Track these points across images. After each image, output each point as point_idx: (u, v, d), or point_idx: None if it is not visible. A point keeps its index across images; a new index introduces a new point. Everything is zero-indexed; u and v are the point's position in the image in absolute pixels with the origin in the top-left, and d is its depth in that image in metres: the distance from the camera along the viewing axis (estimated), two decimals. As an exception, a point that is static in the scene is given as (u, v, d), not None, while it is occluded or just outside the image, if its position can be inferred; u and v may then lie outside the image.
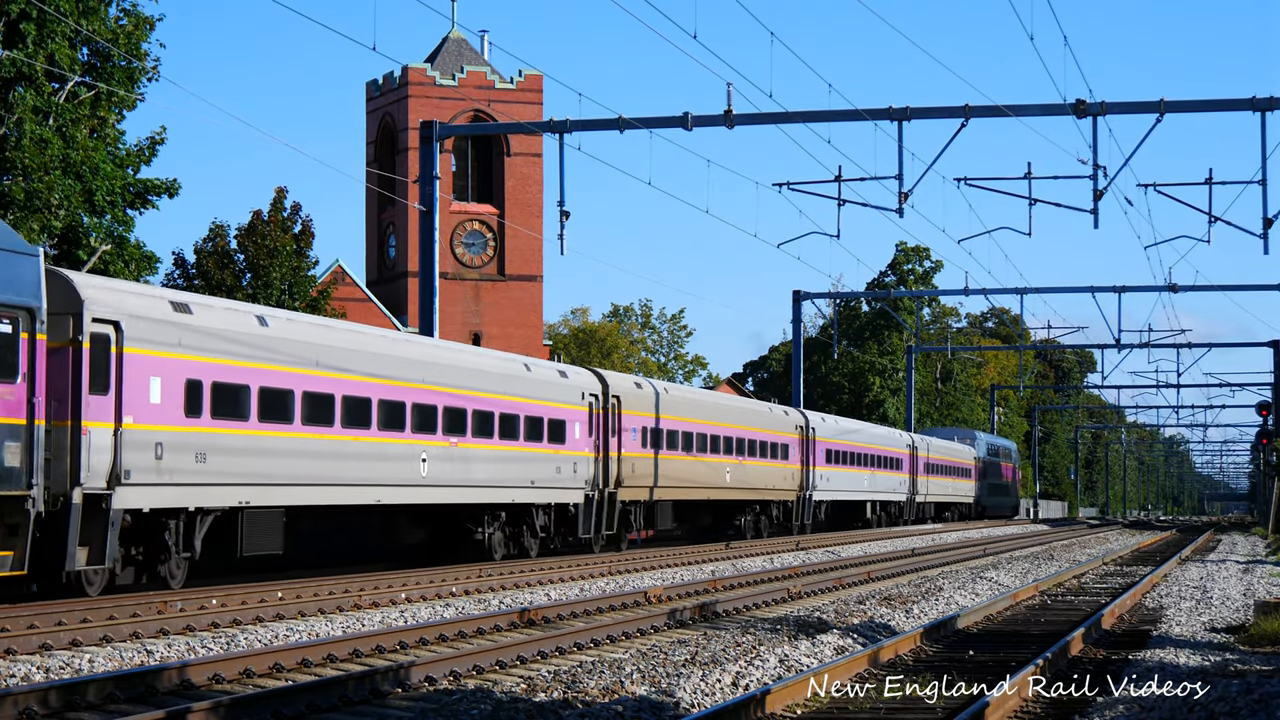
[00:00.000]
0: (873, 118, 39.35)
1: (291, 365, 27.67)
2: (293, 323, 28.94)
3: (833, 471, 59.60)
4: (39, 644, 17.72)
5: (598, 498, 39.00)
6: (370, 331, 32.28)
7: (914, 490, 75.33)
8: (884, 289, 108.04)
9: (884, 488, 69.27)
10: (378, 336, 31.75)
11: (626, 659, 16.49)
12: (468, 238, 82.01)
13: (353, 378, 29.23)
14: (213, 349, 25.71)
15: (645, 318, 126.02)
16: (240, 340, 26.49)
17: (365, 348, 30.15)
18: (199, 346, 25.40)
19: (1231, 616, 23.89)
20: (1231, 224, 39.71)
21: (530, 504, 36.14)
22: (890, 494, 70.71)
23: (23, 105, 36.53)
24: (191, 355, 25.20)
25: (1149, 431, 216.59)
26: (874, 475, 66.85)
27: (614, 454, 39.82)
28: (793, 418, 55.77)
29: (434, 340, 36.17)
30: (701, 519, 50.41)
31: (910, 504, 74.80)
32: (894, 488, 71.42)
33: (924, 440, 79.96)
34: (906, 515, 74.39)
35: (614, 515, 39.75)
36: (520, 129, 67.14)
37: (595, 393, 39.11)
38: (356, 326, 32.91)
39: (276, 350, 27.37)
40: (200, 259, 50.86)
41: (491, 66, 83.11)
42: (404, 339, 33.38)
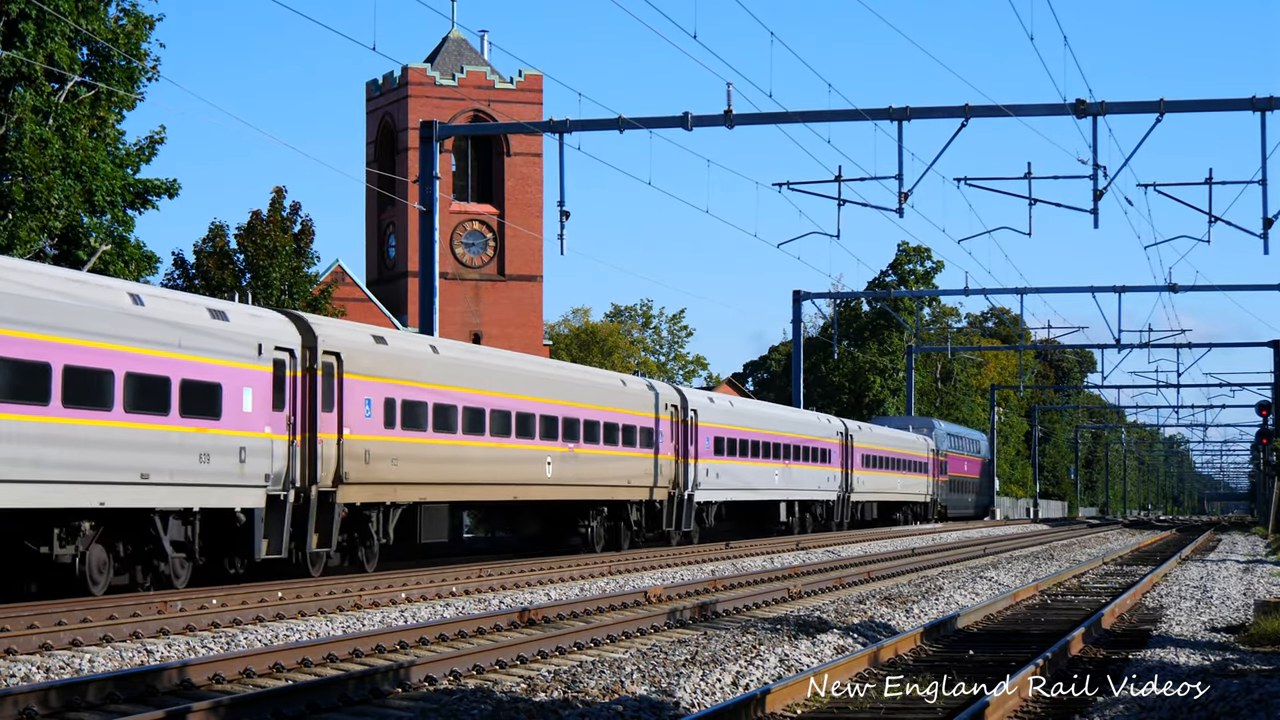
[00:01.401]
0: (873, 118, 39.36)
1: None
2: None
3: (724, 464, 48.99)
4: (39, 644, 17.72)
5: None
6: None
7: (847, 487, 63.57)
8: (884, 289, 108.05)
9: (804, 483, 57.82)
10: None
11: (626, 659, 16.48)
12: (468, 238, 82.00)
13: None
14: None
15: (645, 318, 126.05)
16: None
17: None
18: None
19: (1231, 616, 23.88)
20: (1231, 224, 39.76)
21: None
22: (813, 491, 59.03)
23: (22, 105, 36.53)
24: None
25: (1149, 431, 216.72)
26: (788, 469, 55.72)
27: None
28: (664, 395, 44.74)
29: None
30: None
31: (842, 504, 63.17)
32: (818, 484, 59.80)
33: (862, 428, 68.46)
34: (837, 517, 62.88)
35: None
36: (520, 129, 67.15)
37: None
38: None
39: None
40: (200, 259, 50.85)
41: (491, 66, 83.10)
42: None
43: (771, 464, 53.62)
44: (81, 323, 22.88)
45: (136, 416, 23.88)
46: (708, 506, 47.93)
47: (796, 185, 42.72)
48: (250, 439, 26.65)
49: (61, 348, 22.53)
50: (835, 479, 62.07)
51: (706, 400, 48.65)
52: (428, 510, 32.66)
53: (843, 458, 63.03)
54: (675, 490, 44.58)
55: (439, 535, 33.43)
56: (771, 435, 53.45)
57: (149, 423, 24.16)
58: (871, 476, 67.87)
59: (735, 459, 49.67)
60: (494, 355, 37.30)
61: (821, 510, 61.35)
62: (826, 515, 62.00)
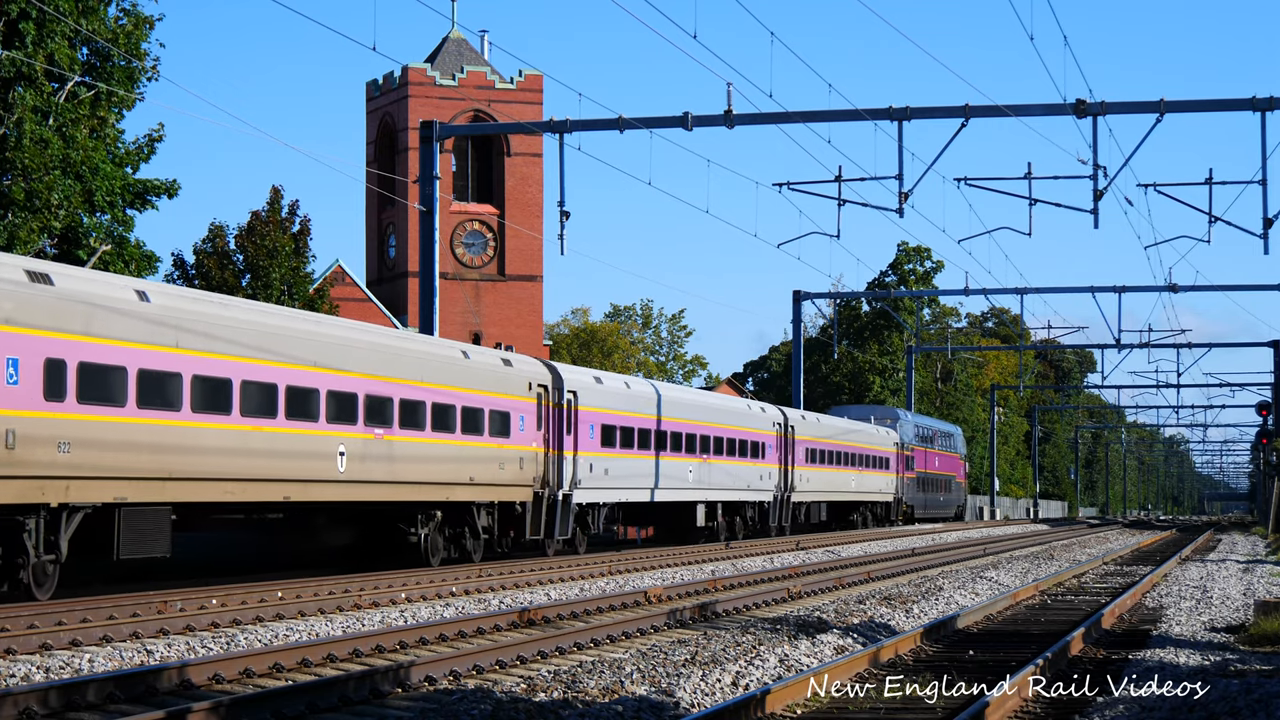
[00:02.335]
0: (873, 118, 39.36)
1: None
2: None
3: (614, 459, 41.19)
4: (39, 644, 17.71)
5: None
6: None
7: (786, 485, 55.23)
8: (884, 289, 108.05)
9: (729, 482, 49.86)
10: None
11: (626, 659, 16.48)
12: (468, 238, 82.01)
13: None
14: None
15: (645, 318, 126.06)
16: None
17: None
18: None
19: (1231, 616, 23.88)
20: (1231, 224, 39.76)
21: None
22: (741, 491, 51.02)
23: (22, 105, 36.54)
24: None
25: (1149, 431, 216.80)
26: (707, 465, 47.96)
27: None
28: (527, 372, 36.69)
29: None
30: None
31: (780, 505, 54.91)
32: (749, 482, 51.63)
33: (806, 418, 59.77)
34: (775, 519, 54.61)
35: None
36: (520, 129, 67.14)
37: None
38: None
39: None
40: (199, 259, 50.87)
41: (491, 66, 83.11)
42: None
43: (685, 459, 45.93)
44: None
45: None
46: (592, 509, 40.40)
47: (796, 185, 42.74)
48: None
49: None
50: (771, 476, 53.73)
51: (591, 381, 40.52)
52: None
53: (781, 452, 54.75)
54: (545, 490, 36.75)
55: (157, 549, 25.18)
56: (684, 424, 45.99)
57: None
58: (818, 473, 59.43)
59: (632, 452, 42.35)
60: (252, 310, 28.58)
61: (754, 512, 52.94)
62: (760, 518, 53.59)
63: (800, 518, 58.06)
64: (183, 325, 25.28)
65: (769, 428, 53.96)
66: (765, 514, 53.95)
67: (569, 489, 38.11)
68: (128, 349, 23.93)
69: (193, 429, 25.38)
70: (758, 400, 62.10)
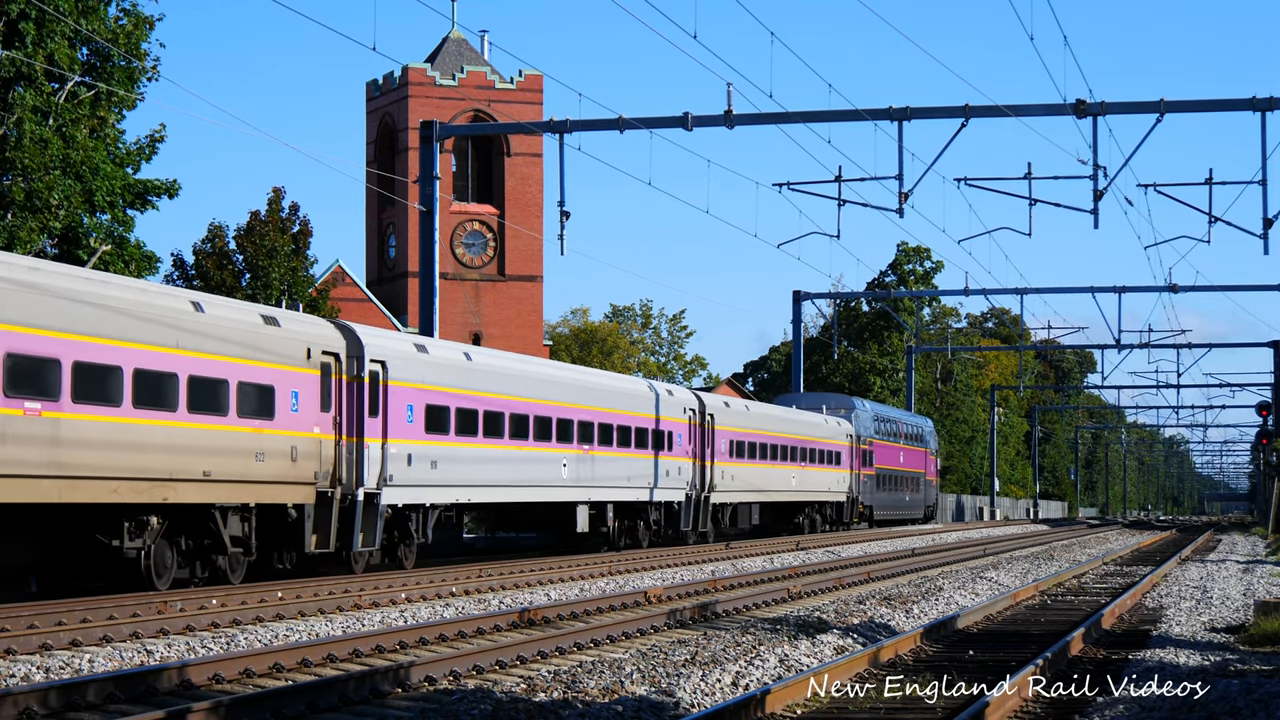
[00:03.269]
0: (873, 118, 39.37)
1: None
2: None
3: (448, 449, 33.07)
4: (39, 644, 17.71)
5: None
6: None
7: (703, 484, 47.42)
8: (884, 289, 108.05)
9: (624, 478, 42.00)
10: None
11: (626, 659, 16.48)
12: (468, 238, 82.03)
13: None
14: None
15: (645, 318, 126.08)
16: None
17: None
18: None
19: (1231, 616, 23.88)
20: (1231, 224, 39.78)
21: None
22: (640, 489, 43.10)
23: (22, 105, 36.54)
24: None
25: (1149, 431, 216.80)
26: (588, 458, 39.79)
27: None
28: (303, 333, 28.76)
29: None
30: None
31: (695, 505, 47.02)
32: (652, 479, 43.83)
33: (730, 405, 51.80)
34: (686, 522, 46.40)
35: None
36: (520, 129, 67.16)
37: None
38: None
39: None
40: (199, 259, 50.87)
41: (491, 66, 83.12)
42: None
43: (558, 449, 38.27)
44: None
45: None
46: (417, 511, 32.34)
47: (796, 185, 42.75)
48: None
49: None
50: (682, 472, 45.76)
51: (408, 349, 32.27)
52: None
53: (697, 444, 47.00)
54: (337, 489, 29.05)
55: None
56: (557, 408, 38.20)
57: None
58: (746, 469, 50.96)
59: (475, 440, 34.25)
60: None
61: (659, 515, 44.90)
62: (667, 520, 45.59)
63: (724, 521, 49.96)
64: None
65: (679, 415, 45.91)
66: (675, 516, 45.86)
67: (375, 486, 29.90)
68: None
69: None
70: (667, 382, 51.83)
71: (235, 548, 26.58)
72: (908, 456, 78.14)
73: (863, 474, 66.75)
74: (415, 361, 32.09)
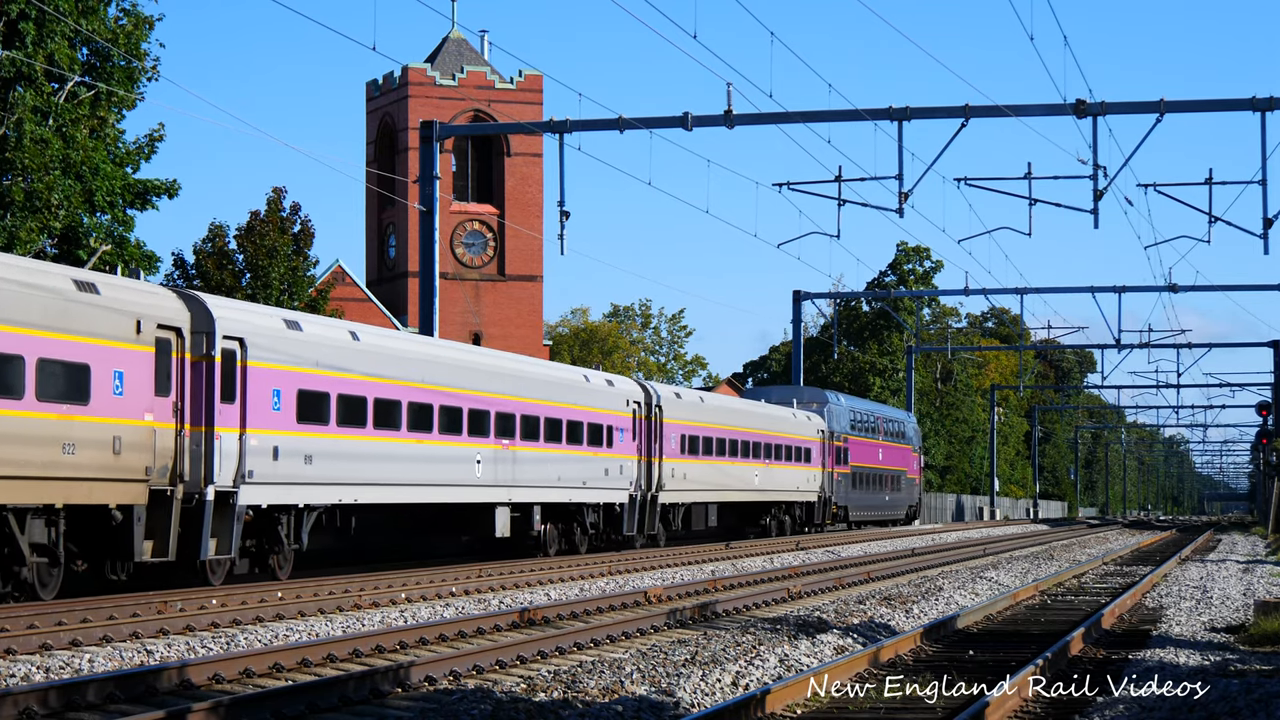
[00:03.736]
0: (873, 118, 39.38)
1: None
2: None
3: (325, 441, 29.02)
4: (39, 644, 17.71)
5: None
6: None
7: (650, 483, 42.61)
8: (884, 289, 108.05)
9: (555, 477, 37.50)
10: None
11: (626, 659, 16.48)
12: (468, 238, 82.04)
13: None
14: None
15: (645, 318, 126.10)
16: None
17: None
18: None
19: (1231, 616, 23.88)
20: (1231, 224, 39.79)
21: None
22: (575, 489, 38.52)
23: (22, 105, 36.54)
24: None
25: (1149, 431, 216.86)
26: (512, 453, 35.50)
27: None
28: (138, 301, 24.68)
29: None
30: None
31: (640, 507, 42.15)
32: (588, 478, 39.09)
33: (682, 396, 46.81)
34: (631, 525, 41.65)
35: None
36: (520, 129, 67.18)
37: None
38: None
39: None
40: (199, 259, 50.86)
41: (491, 66, 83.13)
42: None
43: (471, 443, 33.78)
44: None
45: None
46: (288, 513, 28.19)
47: (796, 185, 42.75)
48: None
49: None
50: (625, 470, 41.17)
51: (276, 325, 28.18)
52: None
53: (643, 439, 42.30)
54: (176, 488, 24.92)
55: None
56: (470, 397, 33.75)
57: None
58: (701, 466, 46.28)
59: (363, 432, 30.10)
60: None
61: (597, 517, 40.36)
62: (608, 523, 41.15)
63: (675, 522, 45.11)
64: None
65: (620, 407, 41.10)
66: (617, 519, 41.27)
67: (231, 484, 26.10)
68: None
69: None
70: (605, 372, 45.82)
71: (39, 557, 22.57)
72: (887, 454, 73.33)
73: (837, 472, 62.54)
74: (284, 339, 27.91)
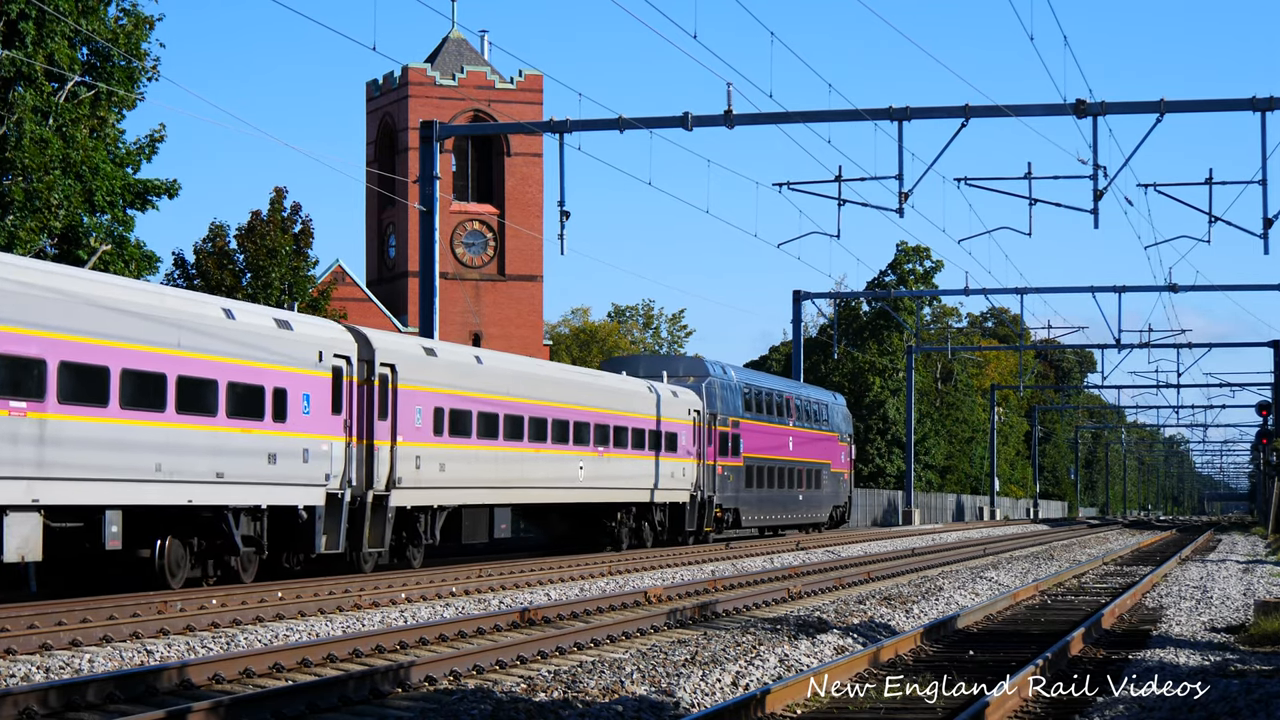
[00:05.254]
0: (873, 118, 39.38)
1: None
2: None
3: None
4: (39, 644, 17.72)
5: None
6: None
7: (368, 476, 30.00)
8: (884, 289, 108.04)
9: (153, 467, 24.55)
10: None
11: (626, 659, 16.48)
12: (468, 238, 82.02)
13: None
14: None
15: (646, 318, 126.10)
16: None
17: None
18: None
19: (1231, 616, 23.88)
20: (1231, 224, 39.79)
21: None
22: (207, 484, 25.75)
23: (22, 105, 36.54)
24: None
25: (1149, 431, 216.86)
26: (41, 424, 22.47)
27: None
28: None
29: None
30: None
31: (354, 511, 29.60)
32: (239, 471, 26.52)
33: (436, 353, 33.44)
34: (322, 543, 28.67)
35: None
36: (520, 129, 67.14)
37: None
38: None
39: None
40: (200, 259, 50.85)
41: (491, 66, 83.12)
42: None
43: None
44: None
45: None
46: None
47: (796, 185, 42.74)
48: None
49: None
50: (320, 459, 28.53)
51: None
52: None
53: (354, 413, 29.73)
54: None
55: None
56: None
57: None
58: (474, 454, 34.14)
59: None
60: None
61: (254, 524, 27.24)
62: (290, 537, 28.26)
63: (426, 532, 32.66)
64: None
65: (306, 364, 28.28)
66: (306, 529, 28.35)
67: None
68: None
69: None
70: None
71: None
72: (802, 443, 59.81)
73: (722, 465, 49.84)
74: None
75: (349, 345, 29.98)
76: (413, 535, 32.58)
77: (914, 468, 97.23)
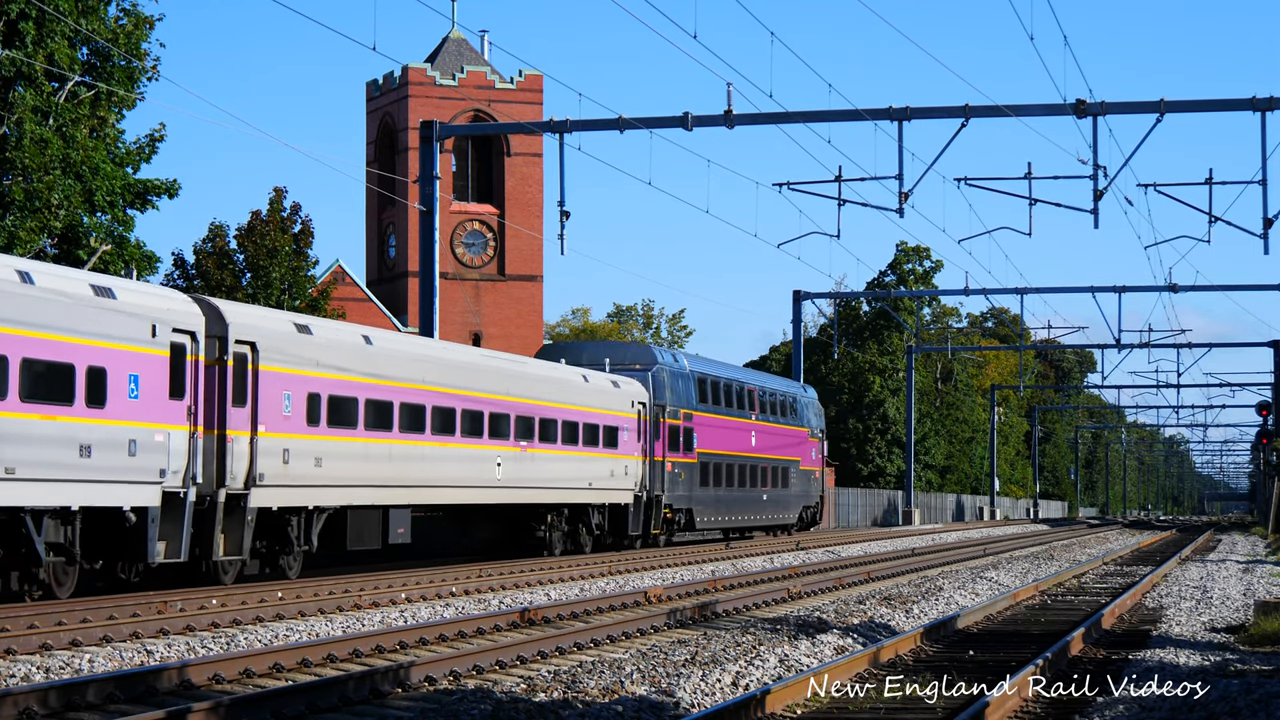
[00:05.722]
0: (873, 118, 39.39)
1: None
2: None
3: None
4: (39, 644, 17.72)
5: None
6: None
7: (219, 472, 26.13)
8: (884, 289, 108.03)
9: None
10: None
11: (626, 659, 16.48)
12: (468, 238, 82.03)
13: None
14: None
15: (646, 318, 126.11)
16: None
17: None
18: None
19: (1231, 616, 23.88)
20: (1231, 224, 39.80)
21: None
22: None
23: (23, 105, 36.54)
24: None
25: (1149, 431, 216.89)
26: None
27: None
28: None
29: None
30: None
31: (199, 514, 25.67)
32: (39, 464, 22.44)
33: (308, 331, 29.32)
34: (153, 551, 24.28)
35: None
36: (520, 129, 67.18)
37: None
38: None
39: None
40: (200, 259, 50.85)
41: (491, 66, 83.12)
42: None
43: None
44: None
45: None
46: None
47: (796, 185, 42.75)
48: None
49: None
50: (155, 454, 24.47)
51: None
52: None
53: (203, 397, 26.00)
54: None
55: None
56: None
57: None
58: (359, 447, 30.34)
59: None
60: None
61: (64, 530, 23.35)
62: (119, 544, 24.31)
63: (300, 538, 28.76)
64: None
65: (133, 339, 24.31)
66: (138, 537, 24.22)
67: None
68: None
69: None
70: None
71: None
72: (766, 438, 55.16)
73: (672, 461, 45.67)
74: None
75: (193, 318, 25.40)
76: (284, 541, 28.04)
77: (914, 468, 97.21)
